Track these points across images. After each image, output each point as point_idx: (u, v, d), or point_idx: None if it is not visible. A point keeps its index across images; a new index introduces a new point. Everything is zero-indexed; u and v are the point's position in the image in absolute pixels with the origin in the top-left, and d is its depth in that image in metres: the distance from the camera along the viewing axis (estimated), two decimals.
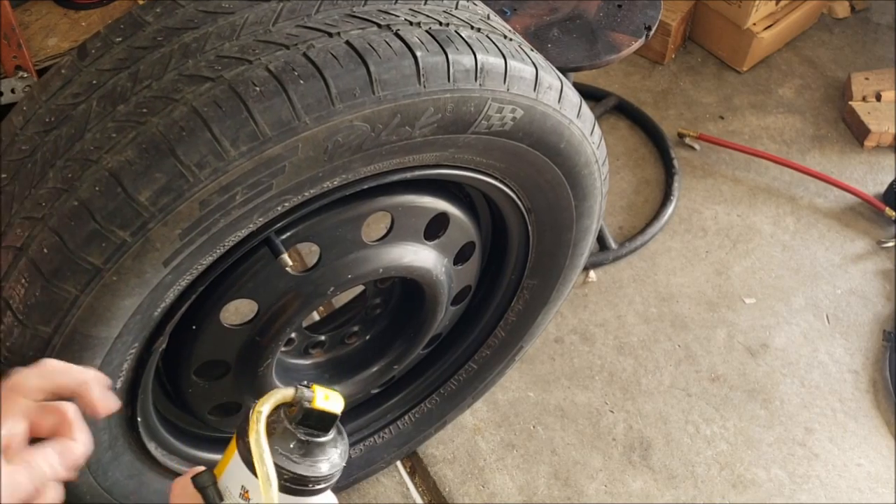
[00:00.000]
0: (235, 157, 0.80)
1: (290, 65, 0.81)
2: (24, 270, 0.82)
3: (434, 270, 1.20)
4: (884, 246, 2.09)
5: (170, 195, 0.80)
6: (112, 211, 0.79)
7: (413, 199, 1.10)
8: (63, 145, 0.84)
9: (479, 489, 1.69)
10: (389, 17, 0.89)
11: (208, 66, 0.82)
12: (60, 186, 0.81)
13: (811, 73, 2.50)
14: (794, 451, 1.75)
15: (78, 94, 0.86)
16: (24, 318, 0.83)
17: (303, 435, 0.69)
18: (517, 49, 0.98)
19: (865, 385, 1.85)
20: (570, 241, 1.31)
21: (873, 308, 1.98)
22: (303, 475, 0.68)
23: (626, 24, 1.69)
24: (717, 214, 2.16)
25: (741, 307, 1.98)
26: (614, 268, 2.04)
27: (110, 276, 0.82)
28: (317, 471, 0.69)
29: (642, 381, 1.85)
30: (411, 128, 0.90)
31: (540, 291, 1.42)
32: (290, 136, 0.82)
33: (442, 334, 1.45)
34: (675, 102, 2.42)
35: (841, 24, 2.64)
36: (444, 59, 0.88)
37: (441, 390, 1.56)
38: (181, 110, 0.80)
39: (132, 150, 0.79)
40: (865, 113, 2.30)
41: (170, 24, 0.88)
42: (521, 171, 1.11)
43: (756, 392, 1.84)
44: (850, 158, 2.29)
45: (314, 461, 0.69)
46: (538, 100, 1.00)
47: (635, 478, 1.71)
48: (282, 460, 0.67)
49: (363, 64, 0.83)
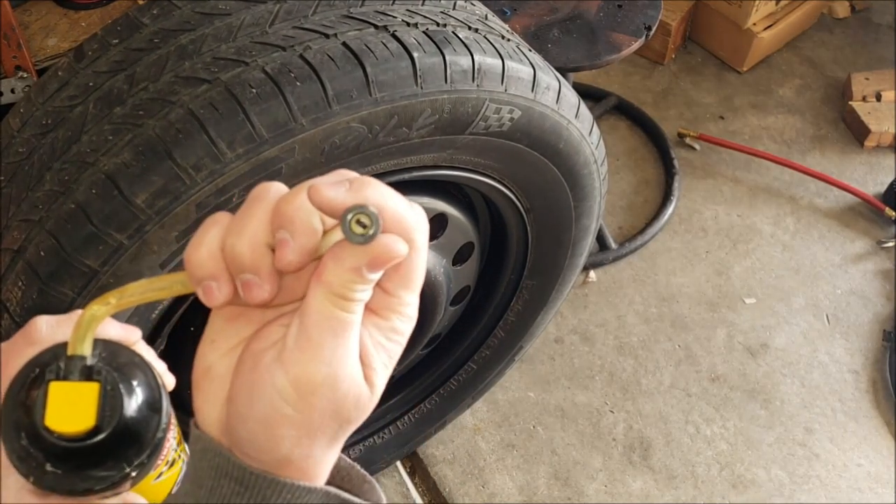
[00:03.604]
0: (232, 160, 0.80)
1: (287, 66, 0.81)
2: (21, 273, 0.82)
3: (433, 271, 1.20)
4: (884, 246, 2.09)
5: (166, 198, 0.80)
6: (108, 214, 0.79)
7: (411, 200, 1.10)
8: (60, 148, 0.84)
9: (479, 489, 1.69)
10: (386, 18, 0.89)
11: (205, 68, 0.82)
12: (57, 189, 0.81)
13: (811, 73, 2.49)
14: (795, 452, 1.75)
15: (74, 97, 0.86)
16: (22, 320, 0.83)
17: (52, 438, 0.43)
18: (515, 50, 0.98)
19: (865, 385, 1.85)
20: (569, 242, 1.31)
21: (873, 308, 1.97)
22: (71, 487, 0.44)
23: (627, 24, 1.69)
24: (717, 214, 2.16)
25: (741, 307, 1.97)
26: (614, 268, 2.04)
27: (107, 279, 0.82)
28: (82, 483, 0.44)
29: (642, 381, 1.85)
30: (409, 129, 0.90)
31: (539, 292, 1.42)
32: (287, 138, 0.82)
33: (441, 334, 1.45)
34: (676, 102, 2.42)
35: (841, 24, 2.64)
36: (442, 60, 0.88)
37: (441, 390, 1.56)
38: (177, 112, 0.79)
39: (129, 153, 0.79)
40: (865, 113, 2.29)
41: (166, 26, 0.88)
42: (519, 172, 1.11)
43: (756, 392, 1.83)
44: (850, 158, 2.29)
45: (75, 473, 0.44)
46: (536, 100, 0.99)
47: (635, 478, 1.71)
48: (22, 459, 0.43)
49: (360, 65, 0.83)
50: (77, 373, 0.43)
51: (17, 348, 0.50)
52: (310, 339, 0.42)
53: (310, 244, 0.41)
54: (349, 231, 0.40)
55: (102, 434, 0.43)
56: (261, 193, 0.43)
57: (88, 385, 0.43)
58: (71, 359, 0.43)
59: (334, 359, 0.42)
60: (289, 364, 0.42)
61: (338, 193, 0.40)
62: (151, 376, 0.47)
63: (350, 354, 0.43)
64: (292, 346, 0.42)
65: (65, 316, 0.54)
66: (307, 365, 0.42)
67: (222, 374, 0.45)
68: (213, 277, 0.42)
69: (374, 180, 0.42)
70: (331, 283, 0.41)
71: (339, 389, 0.42)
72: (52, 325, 0.52)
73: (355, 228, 0.40)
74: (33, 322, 0.52)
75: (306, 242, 0.41)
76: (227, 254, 0.42)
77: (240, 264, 0.41)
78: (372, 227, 0.40)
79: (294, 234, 0.41)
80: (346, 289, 0.42)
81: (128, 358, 0.47)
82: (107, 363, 0.45)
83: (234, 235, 0.41)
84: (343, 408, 0.43)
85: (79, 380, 0.43)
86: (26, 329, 0.52)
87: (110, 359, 0.46)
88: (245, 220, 0.42)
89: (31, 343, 0.51)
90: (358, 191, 0.41)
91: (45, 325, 0.52)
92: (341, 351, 0.42)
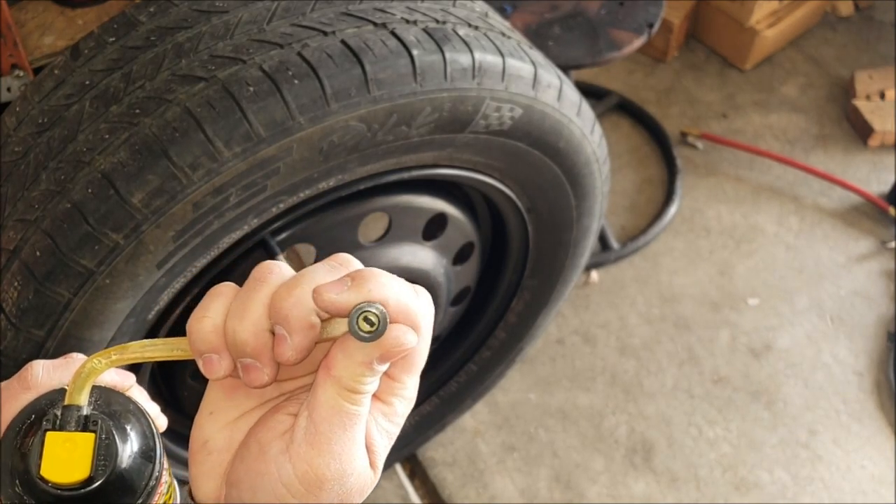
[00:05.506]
0: (229, 159, 0.79)
1: (285, 64, 0.80)
2: (17, 273, 0.81)
3: (432, 271, 1.19)
4: (888, 246, 2.07)
5: (163, 197, 0.79)
6: (105, 213, 0.78)
7: (411, 199, 1.09)
8: (56, 147, 0.83)
9: (480, 492, 1.68)
10: (385, 15, 0.88)
11: (202, 66, 0.81)
12: (53, 188, 0.80)
13: (815, 71, 2.48)
14: (798, 453, 1.74)
15: (71, 95, 0.85)
16: (17, 321, 0.82)
17: (46, 486, 0.43)
18: (516, 47, 0.97)
19: (869, 386, 1.84)
20: (570, 241, 1.30)
21: (877, 309, 1.96)
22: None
23: (629, 21, 1.68)
24: (720, 214, 2.14)
25: (744, 308, 1.96)
26: (616, 268, 2.03)
27: (103, 279, 0.81)
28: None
29: (644, 382, 1.84)
30: (408, 127, 0.89)
31: (540, 292, 1.41)
32: (285, 136, 0.81)
33: (441, 335, 1.44)
34: (678, 101, 2.40)
35: (844, 22, 2.62)
36: (441, 58, 0.87)
37: (440, 392, 1.55)
38: (174, 111, 0.79)
39: (125, 152, 0.78)
40: (869, 112, 2.28)
41: (163, 24, 0.87)
42: (520, 171, 1.10)
43: (759, 394, 1.82)
44: (853, 157, 2.27)
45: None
46: (537, 98, 0.98)
47: (637, 480, 1.70)
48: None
49: (358, 63, 0.82)
50: (73, 423, 0.43)
51: (12, 392, 0.50)
52: (319, 433, 0.42)
53: (307, 341, 0.41)
54: (357, 330, 0.40)
55: (96, 483, 0.43)
56: (263, 275, 0.43)
57: (84, 436, 0.43)
58: (68, 408, 0.43)
59: (344, 454, 0.42)
60: (297, 458, 0.42)
61: (340, 295, 0.40)
62: (146, 424, 0.47)
63: (358, 447, 0.43)
64: (301, 440, 0.42)
65: (61, 360, 0.54)
66: (316, 459, 0.42)
67: (220, 448, 0.45)
68: (215, 351, 0.42)
69: (376, 271, 0.42)
70: (340, 377, 0.41)
71: (346, 483, 0.42)
72: (48, 369, 0.52)
73: (363, 326, 0.40)
74: (29, 367, 0.52)
75: (303, 340, 0.41)
76: (229, 337, 0.42)
77: (241, 349, 0.41)
78: (379, 324, 0.40)
79: (291, 332, 0.41)
80: (357, 382, 0.41)
81: (123, 406, 0.47)
82: (102, 410, 0.46)
83: (237, 320, 0.41)
84: (349, 498, 0.43)
85: (75, 430, 0.43)
86: (22, 373, 0.52)
87: (105, 406, 0.46)
88: (247, 305, 0.41)
89: (28, 388, 0.50)
90: (361, 287, 0.40)
91: (41, 369, 0.52)
92: (350, 445, 0.42)
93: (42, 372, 0.52)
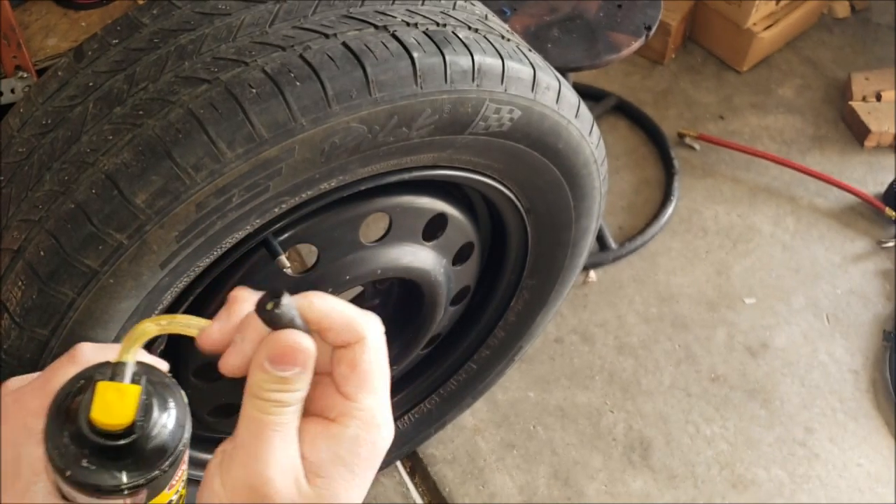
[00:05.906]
0: (232, 160, 0.80)
1: (287, 66, 0.81)
2: (21, 273, 0.82)
3: (433, 271, 1.20)
4: (884, 246, 2.09)
5: (166, 197, 0.79)
6: (108, 213, 0.79)
7: (411, 199, 1.10)
8: (59, 148, 0.83)
9: (479, 489, 1.69)
10: (386, 17, 0.89)
11: (204, 68, 0.82)
12: (57, 189, 0.81)
13: (811, 72, 2.49)
14: (795, 451, 1.75)
15: (74, 97, 0.86)
16: (21, 320, 0.83)
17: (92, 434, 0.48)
18: (515, 49, 0.98)
19: (865, 385, 1.85)
20: (569, 241, 1.31)
21: (873, 308, 1.97)
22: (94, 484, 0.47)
23: (626, 23, 1.69)
24: (717, 214, 2.16)
25: (741, 307, 1.97)
26: (614, 268, 2.04)
27: (107, 279, 0.82)
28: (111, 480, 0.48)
29: (642, 381, 1.85)
30: (408, 129, 0.90)
31: (539, 291, 1.42)
32: (287, 137, 0.81)
33: (441, 334, 1.45)
34: (675, 102, 2.42)
35: (841, 24, 2.64)
36: (441, 60, 0.88)
37: (440, 390, 1.56)
38: (177, 112, 0.79)
39: (128, 153, 0.79)
40: (865, 113, 2.29)
41: (166, 26, 0.87)
42: (519, 172, 1.11)
43: (756, 392, 1.83)
44: (850, 158, 2.28)
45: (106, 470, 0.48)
46: (536, 100, 0.99)
47: (635, 478, 1.71)
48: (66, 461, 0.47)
49: (360, 65, 0.83)
50: (122, 376, 0.48)
51: (61, 366, 0.54)
52: (236, 442, 0.44)
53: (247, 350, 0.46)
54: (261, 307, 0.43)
55: (135, 435, 0.47)
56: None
57: (131, 387, 0.48)
58: (118, 364, 0.48)
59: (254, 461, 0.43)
60: (222, 467, 0.45)
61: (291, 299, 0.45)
62: (179, 397, 0.52)
63: (273, 457, 0.43)
64: (229, 450, 0.45)
65: (105, 344, 0.60)
66: (230, 466, 0.44)
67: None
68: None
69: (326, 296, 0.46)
70: (249, 385, 0.44)
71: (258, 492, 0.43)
72: (95, 349, 0.57)
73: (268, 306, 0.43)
74: (78, 346, 0.57)
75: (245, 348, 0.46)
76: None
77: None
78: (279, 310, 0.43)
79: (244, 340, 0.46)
80: (261, 389, 0.43)
81: (160, 378, 0.52)
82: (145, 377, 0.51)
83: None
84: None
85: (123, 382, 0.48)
86: (71, 351, 0.57)
87: (148, 374, 0.51)
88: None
89: (75, 363, 0.54)
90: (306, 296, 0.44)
91: (89, 349, 0.57)
92: (264, 454, 0.43)
93: (89, 350, 0.57)
